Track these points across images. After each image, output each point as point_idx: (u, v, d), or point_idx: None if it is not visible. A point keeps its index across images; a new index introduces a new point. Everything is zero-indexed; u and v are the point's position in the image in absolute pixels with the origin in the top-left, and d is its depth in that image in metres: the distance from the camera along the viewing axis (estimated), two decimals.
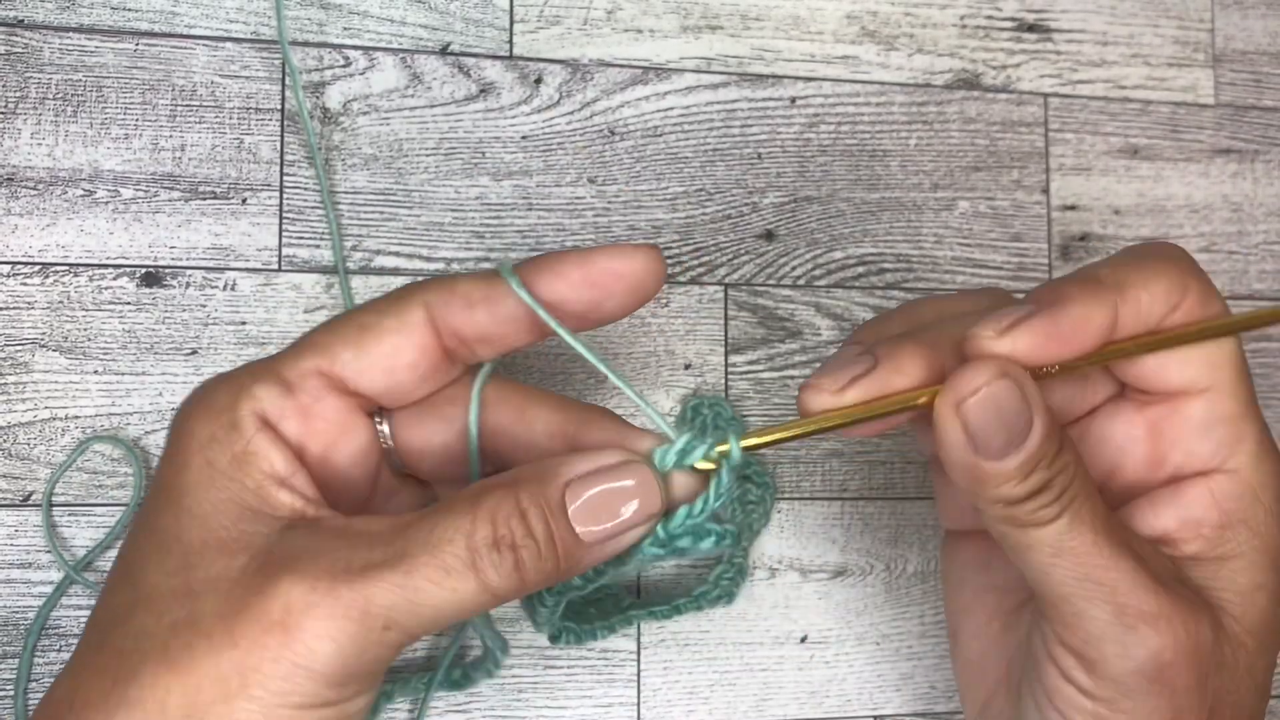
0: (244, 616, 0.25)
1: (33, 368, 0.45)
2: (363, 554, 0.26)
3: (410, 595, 0.25)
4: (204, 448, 0.27)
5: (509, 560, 0.26)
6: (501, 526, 0.26)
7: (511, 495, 0.27)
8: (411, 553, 0.25)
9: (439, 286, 0.29)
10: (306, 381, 0.28)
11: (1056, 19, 0.55)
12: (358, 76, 0.48)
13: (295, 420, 0.28)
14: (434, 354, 0.29)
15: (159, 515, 0.27)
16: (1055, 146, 0.54)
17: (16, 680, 0.43)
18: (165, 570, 0.26)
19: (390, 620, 0.25)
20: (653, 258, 0.29)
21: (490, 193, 0.49)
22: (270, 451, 0.27)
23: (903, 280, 0.52)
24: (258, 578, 0.25)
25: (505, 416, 0.30)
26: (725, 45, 0.51)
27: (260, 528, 0.26)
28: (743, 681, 0.49)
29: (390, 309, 0.29)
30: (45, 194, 0.45)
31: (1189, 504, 0.30)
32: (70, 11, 0.46)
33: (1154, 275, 0.29)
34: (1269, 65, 0.57)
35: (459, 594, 0.26)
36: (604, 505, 0.27)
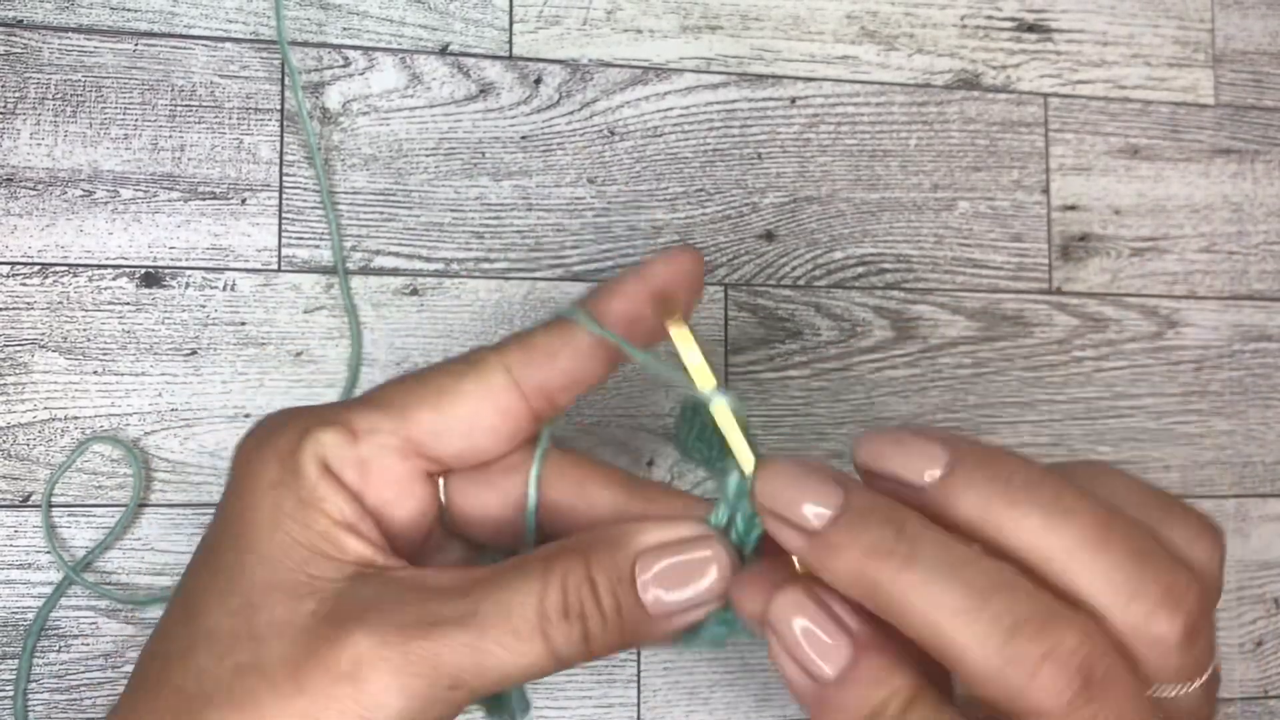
0: (312, 665, 0.25)
1: (32, 368, 0.44)
2: (434, 609, 0.25)
3: (479, 657, 0.25)
4: (270, 490, 0.27)
5: (578, 630, 0.26)
6: (572, 595, 0.26)
7: (582, 563, 0.26)
8: (483, 613, 0.25)
9: (515, 346, 0.29)
10: (373, 437, 0.28)
11: (1056, 19, 0.55)
12: (357, 76, 0.48)
13: (355, 471, 0.27)
14: (517, 416, 0.29)
15: (223, 553, 0.27)
16: (1055, 146, 0.54)
17: (16, 680, 0.43)
18: (228, 609, 0.26)
19: (457, 680, 0.25)
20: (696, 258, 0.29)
21: (490, 193, 0.49)
22: (335, 497, 0.27)
23: (903, 280, 0.52)
24: (326, 626, 0.25)
25: (564, 491, 0.30)
26: (725, 45, 0.51)
27: (329, 573, 0.26)
28: (743, 681, 0.49)
29: (469, 372, 0.28)
30: (45, 194, 0.45)
31: None
32: (69, 11, 0.46)
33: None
34: (1269, 65, 0.57)
35: (527, 659, 0.26)
36: (675, 578, 0.27)
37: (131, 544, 0.45)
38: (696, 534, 0.27)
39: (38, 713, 0.44)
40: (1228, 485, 0.54)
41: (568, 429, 0.49)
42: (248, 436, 0.28)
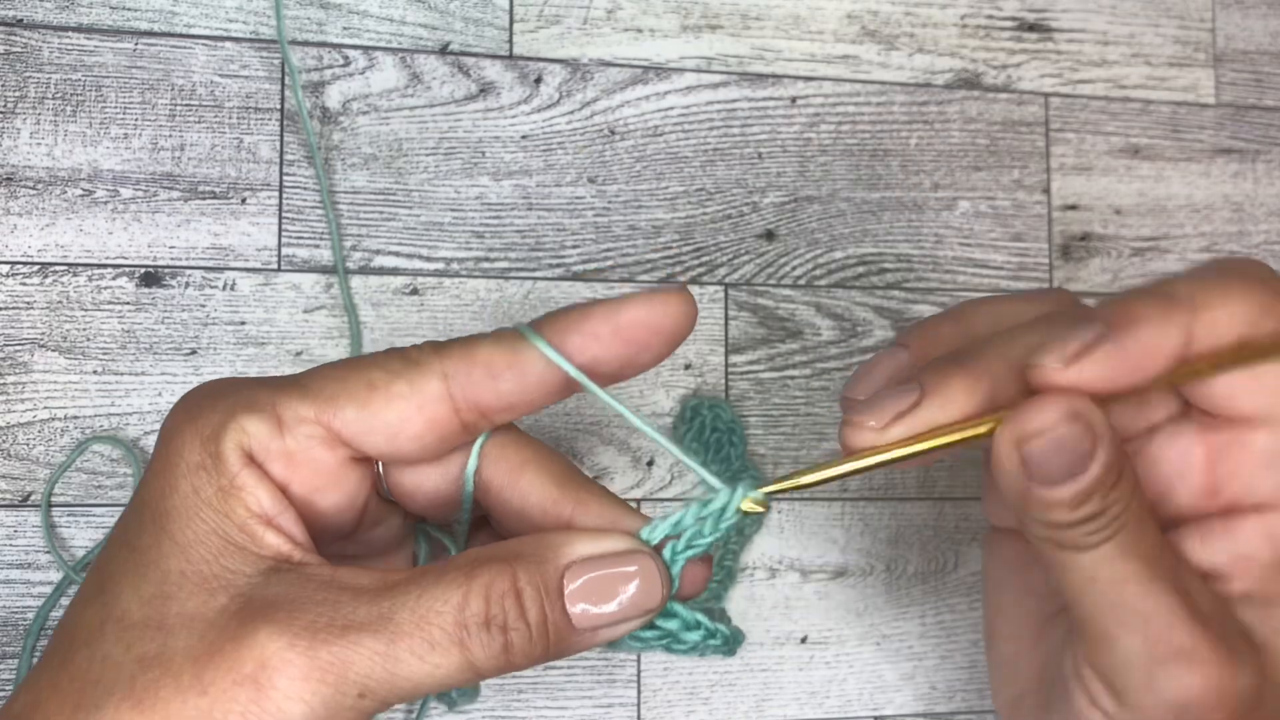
0: (216, 663, 0.24)
1: (32, 368, 0.44)
2: (346, 612, 0.24)
3: (389, 665, 0.24)
4: (190, 473, 0.26)
5: (498, 642, 0.25)
6: (495, 605, 0.25)
7: (509, 572, 0.25)
8: (397, 620, 0.24)
9: (458, 354, 0.27)
10: (300, 427, 0.27)
11: (1057, 18, 0.54)
12: (357, 76, 0.48)
13: (280, 463, 0.27)
14: (444, 427, 0.27)
15: (140, 534, 0.26)
16: (1056, 146, 0.54)
17: (16, 680, 0.43)
18: (140, 596, 0.25)
19: (365, 688, 0.24)
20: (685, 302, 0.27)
21: (490, 192, 0.49)
22: (257, 489, 0.26)
23: (903, 280, 0.52)
24: (234, 622, 0.24)
25: (500, 474, 0.29)
26: (725, 45, 0.51)
27: (243, 566, 0.25)
28: (743, 681, 0.49)
29: (404, 372, 0.27)
30: (44, 194, 0.45)
31: (1243, 540, 0.28)
32: (69, 11, 0.46)
33: (1235, 295, 0.27)
34: (1270, 65, 0.57)
35: (441, 670, 0.25)
36: (603, 592, 0.26)
37: None
38: (628, 548, 0.27)
39: None
40: None
41: (566, 429, 0.49)
42: (177, 406, 0.27)
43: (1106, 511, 0.26)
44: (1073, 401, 0.26)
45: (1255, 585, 0.28)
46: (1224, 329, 0.27)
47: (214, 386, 0.28)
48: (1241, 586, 0.28)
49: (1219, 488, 0.29)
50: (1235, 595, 0.28)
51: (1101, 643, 0.28)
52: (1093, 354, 0.26)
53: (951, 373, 0.28)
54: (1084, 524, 0.26)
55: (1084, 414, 0.26)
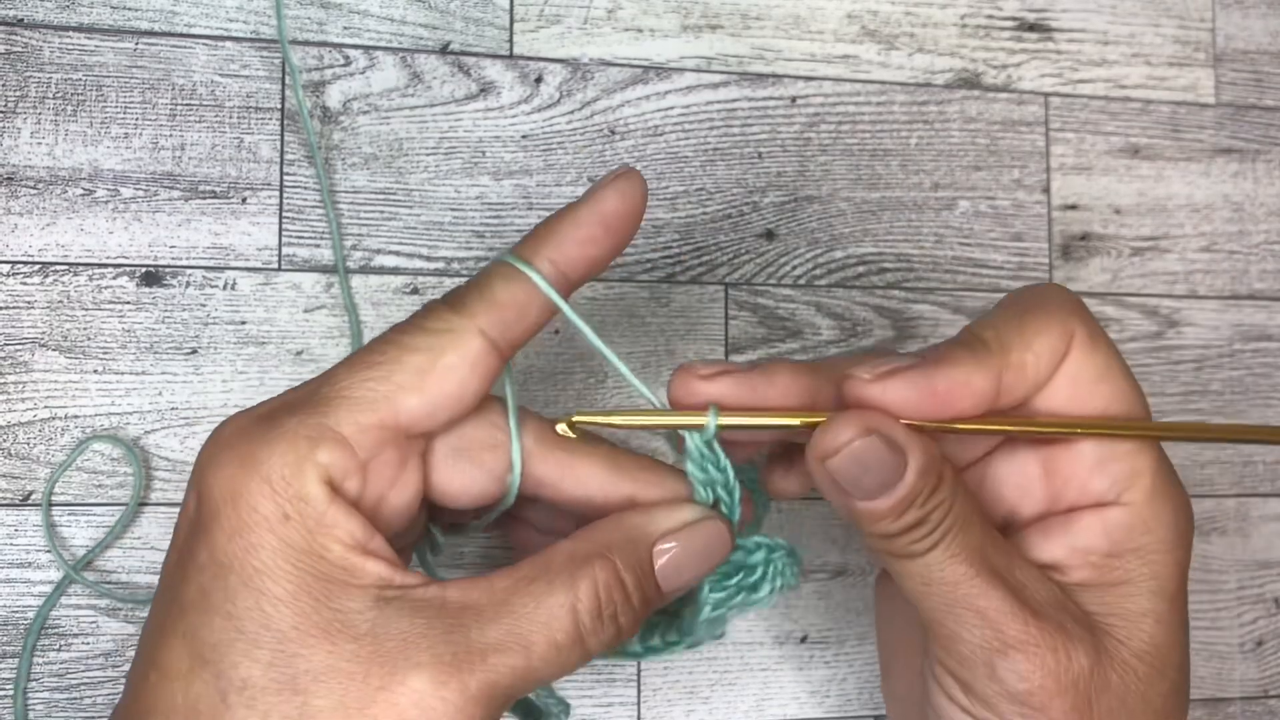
0: (372, 713, 0.25)
1: (32, 367, 0.44)
2: (476, 636, 0.26)
3: (530, 675, 0.26)
4: (275, 527, 0.26)
5: (611, 629, 0.28)
6: (605, 599, 0.27)
7: (609, 566, 0.28)
8: (526, 634, 0.26)
9: (484, 308, 0.29)
10: (366, 437, 0.27)
11: (1057, 18, 0.55)
12: (358, 76, 0.48)
13: (356, 479, 0.27)
14: (496, 372, 0.29)
15: (233, 599, 0.25)
16: (1056, 146, 0.54)
17: (16, 680, 0.43)
18: (259, 662, 0.25)
19: (510, 697, 0.26)
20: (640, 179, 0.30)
21: (490, 192, 0.49)
22: (346, 521, 0.26)
23: (903, 280, 0.52)
24: (375, 670, 0.25)
25: (550, 470, 0.31)
26: (725, 44, 0.51)
27: (352, 603, 0.26)
28: (743, 681, 0.49)
29: (444, 344, 0.28)
30: (45, 193, 0.45)
31: (1079, 533, 0.30)
32: (70, 11, 0.46)
33: (1035, 332, 0.29)
34: (1270, 65, 0.57)
35: (568, 664, 0.27)
36: (685, 560, 0.29)
37: (132, 543, 0.45)
38: (698, 515, 0.30)
39: (37, 712, 0.44)
40: (1228, 485, 0.54)
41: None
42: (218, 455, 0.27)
43: (929, 519, 0.28)
44: (869, 418, 0.27)
45: (1093, 574, 0.30)
46: (1032, 370, 0.29)
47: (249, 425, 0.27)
48: (1080, 576, 0.30)
49: (1059, 495, 0.31)
50: (1075, 584, 0.30)
51: (946, 641, 0.29)
52: (900, 377, 0.28)
53: (788, 362, 0.30)
54: (909, 532, 0.28)
55: (880, 428, 0.27)
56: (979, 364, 0.28)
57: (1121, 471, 0.30)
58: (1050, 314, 0.30)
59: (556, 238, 0.29)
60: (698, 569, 0.30)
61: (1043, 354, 0.29)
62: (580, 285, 0.30)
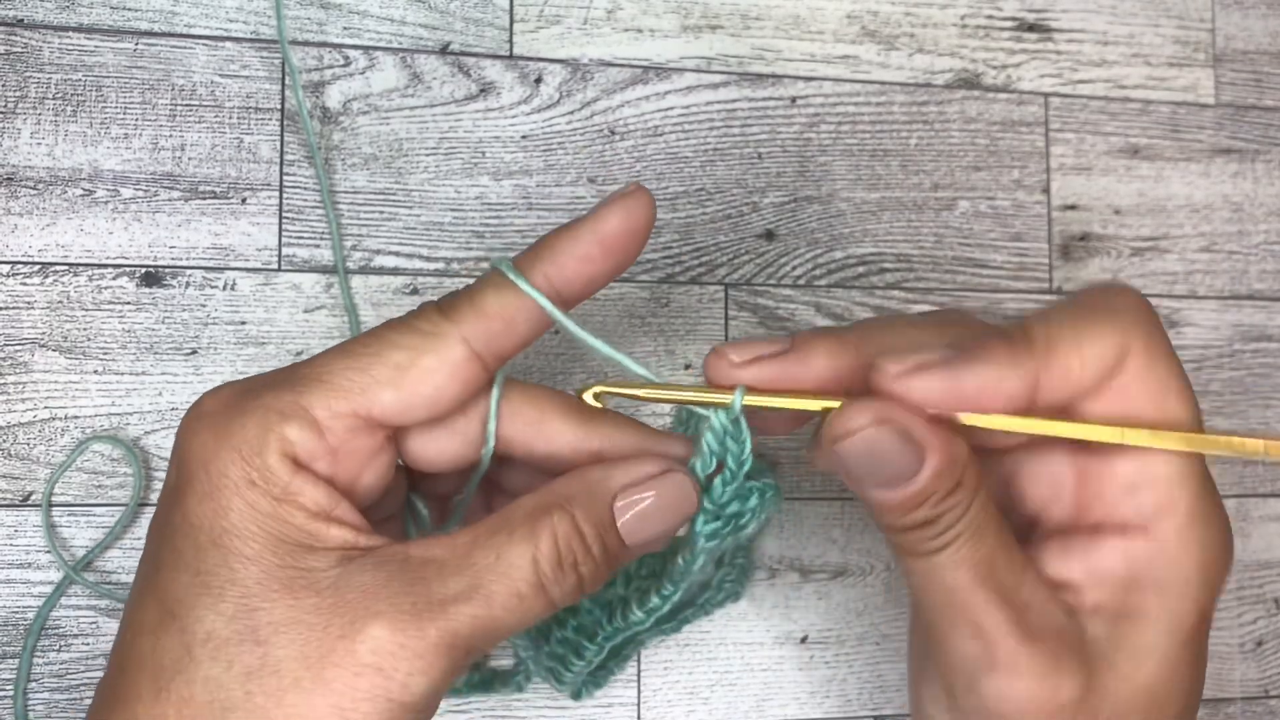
0: (333, 661, 0.25)
1: (33, 368, 0.44)
2: (438, 588, 0.26)
3: (489, 624, 0.26)
4: (241, 490, 0.27)
5: (572, 578, 0.28)
6: (564, 549, 0.27)
7: (568, 516, 0.28)
8: (485, 584, 0.26)
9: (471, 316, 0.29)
10: (338, 423, 0.28)
11: (1057, 19, 0.55)
12: (358, 76, 0.48)
13: (325, 461, 0.28)
14: (475, 381, 0.29)
15: (201, 558, 0.26)
16: (1056, 146, 0.54)
17: (16, 680, 0.43)
18: (223, 615, 0.26)
19: (472, 648, 0.27)
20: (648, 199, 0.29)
21: (490, 192, 0.49)
22: (311, 490, 0.27)
23: (903, 280, 0.52)
24: (336, 620, 0.25)
25: (521, 428, 0.31)
26: (725, 45, 0.51)
27: (316, 563, 0.27)
28: (743, 681, 0.49)
29: (427, 346, 0.28)
30: (45, 194, 0.45)
31: (1099, 556, 0.29)
32: (70, 11, 0.46)
33: (1091, 337, 0.27)
34: (1269, 65, 0.57)
35: (530, 613, 0.27)
36: (648, 513, 0.29)
37: (132, 543, 0.45)
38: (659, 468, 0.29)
39: (37, 712, 0.44)
40: (1228, 485, 0.54)
41: None
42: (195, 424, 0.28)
43: (940, 520, 0.27)
44: (882, 408, 0.27)
45: (1106, 599, 0.29)
46: (1077, 375, 0.28)
47: (229, 397, 0.28)
48: (1094, 599, 0.29)
49: (1088, 508, 0.30)
50: (1086, 608, 0.29)
51: (937, 643, 0.29)
52: (926, 373, 0.27)
53: (821, 338, 0.29)
54: (919, 529, 0.27)
55: (896, 420, 0.27)
56: (1015, 363, 0.27)
57: (1153, 500, 0.28)
58: (1112, 320, 0.28)
59: (553, 252, 0.29)
60: (663, 523, 0.29)
61: (1091, 361, 0.27)
62: (576, 303, 0.30)
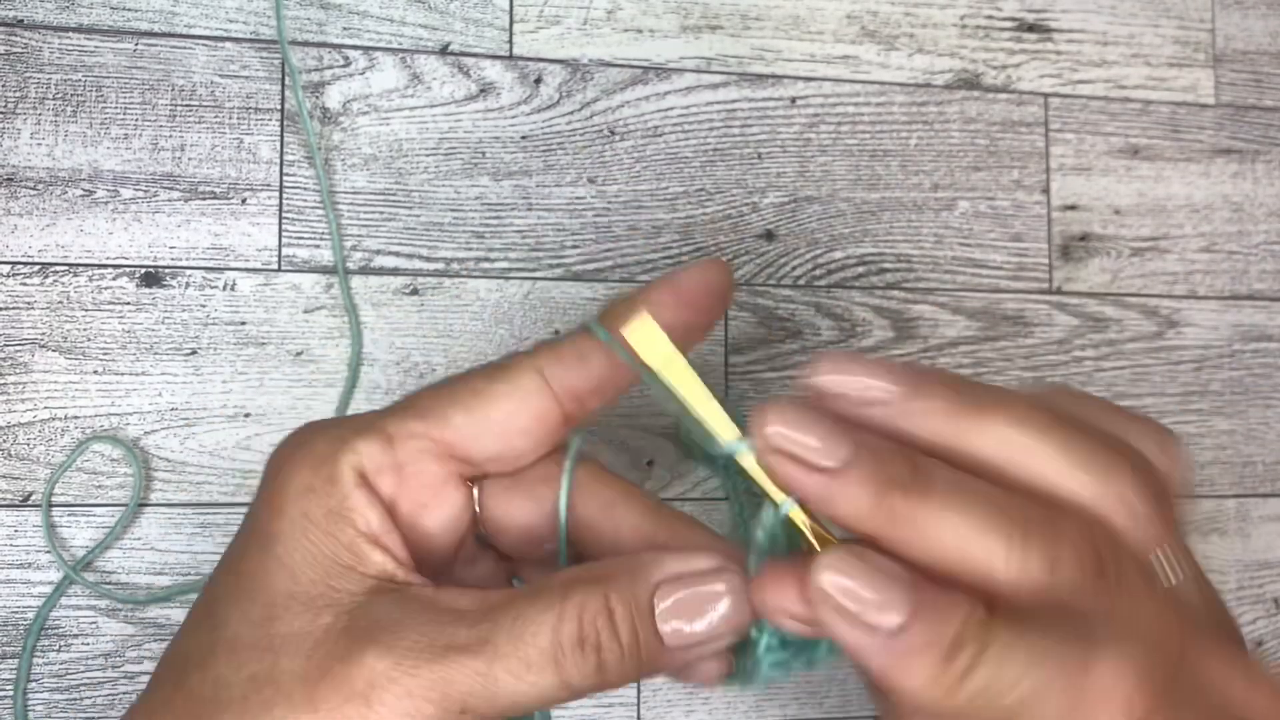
0: (326, 682, 0.25)
1: (33, 368, 0.45)
2: (448, 633, 0.26)
3: (489, 684, 0.25)
4: (300, 497, 0.27)
5: (592, 661, 0.26)
6: (588, 626, 0.26)
7: (600, 593, 0.26)
8: (495, 641, 0.25)
9: (548, 350, 0.29)
10: (409, 442, 0.28)
11: (1057, 19, 0.55)
12: (357, 76, 0.48)
13: (390, 477, 0.28)
14: (550, 418, 0.29)
15: (247, 559, 0.27)
16: (1055, 146, 0.54)
17: (16, 680, 0.43)
18: (249, 618, 0.26)
19: (467, 705, 0.25)
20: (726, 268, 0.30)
21: (490, 193, 0.49)
22: (366, 509, 0.27)
23: (903, 280, 0.52)
24: (342, 642, 0.25)
25: (593, 509, 0.30)
26: (725, 45, 0.51)
27: (349, 585, 0.26)
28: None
29: (501, 375, 0.28)
30: (45, 194, 0.45)
31: None
32: (70, 11, 0.46)
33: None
34: (1269, 65, 0.57)
35: (538, 689, 0.26)
36: (693, 610, 0.26)
37: (131, 543, 0.45)
38: (716, 565, 0.27)
39: (37, 712, 0.44)
40: (1228, 485, 0.54)
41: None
42: (283, 443, 0.28)
43: None
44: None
45: None
46: None
47: (322, 420, 0.29)
48: None
49: None
50: None
51: None
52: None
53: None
54: None
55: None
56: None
57: None
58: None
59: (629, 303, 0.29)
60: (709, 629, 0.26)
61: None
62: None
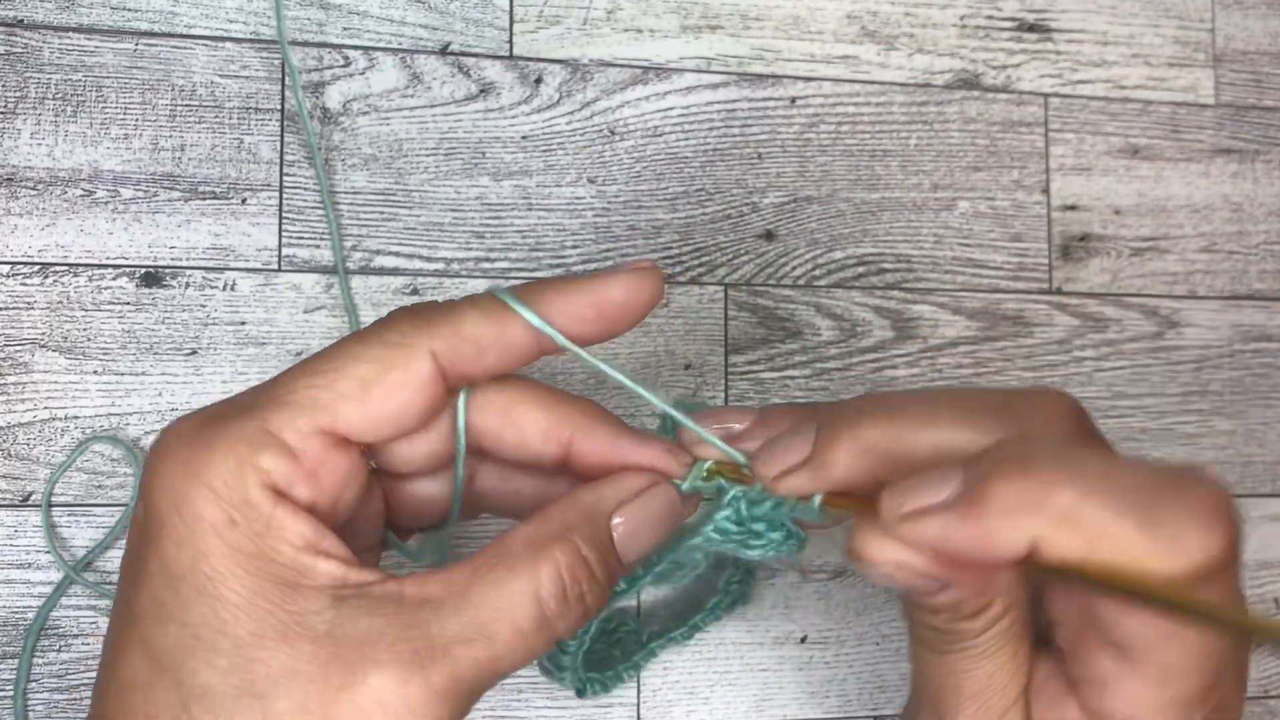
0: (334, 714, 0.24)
1: (33, 368, 0.45)
2: (438, 630, 0.25)
3: (492, 664, 0.26)
4: (221, 533, 0.25)
5: (578, 609, 0.27)
6: (570, 580, 0.27)
7: (572, 546, 0.27)
8: (488, 624, 0.26)
9: (444, 331, 0.28)
10: (309, 443, 0.27)
11: (1057, 19, 0.55)
12: (357, 76, 0.48)
13: (304, 486, 0.27)
14: (439, 399, 0.28)
15: (188, 609, 0.25)
16: (1055, 146, 0.54)
17: (16, 680, 0.43)
18: (217, 668, 0.25)
19: (476, 688, 0.26)
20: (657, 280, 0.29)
21: (490, 193, 0.49)
22: (295, 523, 0.26)
23: (903, 280, 0.52)
24: (337, 672, 0.25)
25: (491, 419, 0.30)
26: (725, 45, 0.51)
27: (309, 605, 0.25)
28: (743, 681, 0.49)
29: (394, 359, 0.27)
30: (45, 194, 0.45)
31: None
32: (70, 11, 0.46)
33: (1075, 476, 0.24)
34: (1269, 65, 0.57)
35: (534, 650, 0.27)
36: (642, 529, 0.29)
37: None
38: (648, 481, 0.29)
39: (37, 712, 0.44)
40: (1227, 485, 0.54)
41: None
42: (160, 464, 0.26)
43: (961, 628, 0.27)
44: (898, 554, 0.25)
45: None
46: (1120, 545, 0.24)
47: (192, 429, 0.27)
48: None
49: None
50: None
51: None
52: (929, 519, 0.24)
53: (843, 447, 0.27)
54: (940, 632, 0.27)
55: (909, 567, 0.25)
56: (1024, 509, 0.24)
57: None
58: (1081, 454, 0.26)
59: (547, 298, 0.28)
60: (655, 534, 0.29)
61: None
62: (549, 354, 0.30)
